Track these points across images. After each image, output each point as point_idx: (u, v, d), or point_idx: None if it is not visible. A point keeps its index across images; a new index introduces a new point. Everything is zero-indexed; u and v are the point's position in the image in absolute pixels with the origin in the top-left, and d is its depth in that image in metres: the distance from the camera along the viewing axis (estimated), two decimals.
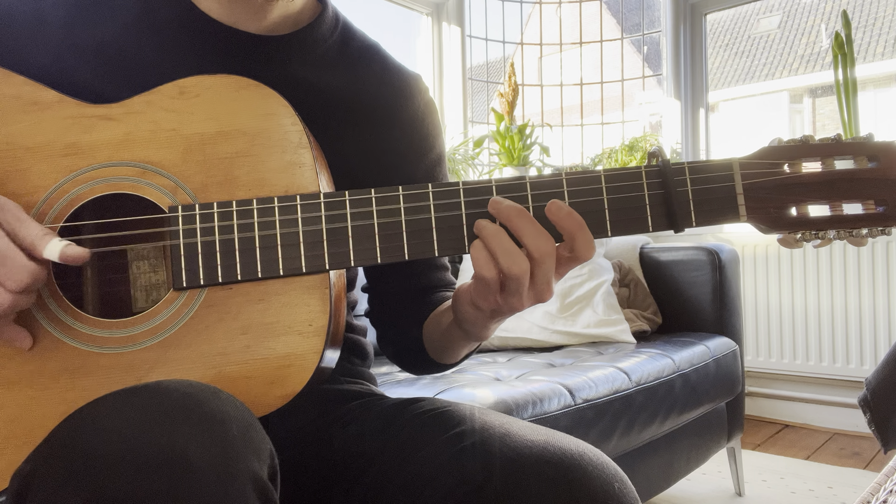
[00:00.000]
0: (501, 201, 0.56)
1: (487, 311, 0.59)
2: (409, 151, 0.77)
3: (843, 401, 2.43)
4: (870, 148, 0.57)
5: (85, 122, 0.58)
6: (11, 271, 0.50)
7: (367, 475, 0.64)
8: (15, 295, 0.51)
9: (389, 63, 0.78)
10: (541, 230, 0.55)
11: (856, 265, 2.37)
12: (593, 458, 0.56)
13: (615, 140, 2.93)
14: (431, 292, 0.80)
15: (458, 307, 0.64)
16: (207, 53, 0.67)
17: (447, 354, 0.75)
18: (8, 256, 0.50)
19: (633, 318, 1.95)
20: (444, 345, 0.74)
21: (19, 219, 0.52)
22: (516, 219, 0.55)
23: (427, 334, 0.76)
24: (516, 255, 0.54)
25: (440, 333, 0.73)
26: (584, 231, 0.55)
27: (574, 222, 0.55)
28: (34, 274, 0.51)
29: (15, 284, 0.50)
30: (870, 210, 0.57)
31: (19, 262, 0.50)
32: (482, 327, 0.64)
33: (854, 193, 0.57)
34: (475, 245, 0.56)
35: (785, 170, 0.57)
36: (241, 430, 0.44)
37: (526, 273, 0.55)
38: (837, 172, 0.57)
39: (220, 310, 0.55)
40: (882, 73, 10.26)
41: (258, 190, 0.57)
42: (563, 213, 0.55)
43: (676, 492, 1.93)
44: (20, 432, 0.53)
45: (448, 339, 0.72)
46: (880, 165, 0.57)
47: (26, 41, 0.64)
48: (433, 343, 0.76)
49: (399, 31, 3.04)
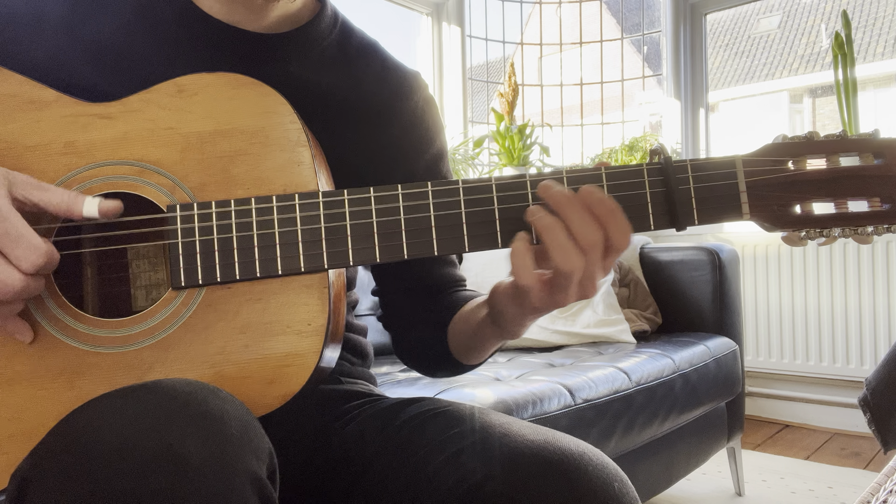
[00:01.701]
0: (552, 185, 0.54)
1: (529, 308, 0.57)
2: (408, 148, 0.77)
3: (843, 401, 2.43)
4: (876, 145, 0.56)
5: (83, 120, 0.58)
6: (27, 252, 0.48)
7: (367, 475, 0.63)
8: (28, 278, 0.49)
9: (388, 61, 0.78)
10: (590, 219, 0.53)
11: (856, 265, 2.36)
12: (593, 458, 0.56)
13: (615, 140, 2.93)
14: (445, 291, 0.79)
15: (496, 304, 0.62)
16: (206, 52, 0.67)
17: (475, 354, 0.73)
18: (23, 236, 0.49)
19: (633, 318, 1.95)
20: (474, 344, 0.72)
21: (41, 187, 0.52)
22: (567, 207, 0.53)
23: (454, 335, 0.74)
24: (570, 251, 0.52)
25: (470, 333, 0.71)
26: (617, 217, 0.53)
27: (607, 208, 0.53)
28: (49, 255, 0.49)
29: (29, 265, 0.48)
30: (875, 207, 0.56)
31: (35, 243, 0.49)
32: (520, 324, 0.62)
33: (859, 191, 0.56)
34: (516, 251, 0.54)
35: (789, 167, 0.57)
36: (240, 430, 0.44)
37: (580, 269, 0.53)
38: (842, 169, 0.56)
39: (218, 309, 0.55)
40: (882, 73, 10.26)
41: (257, 188, 0.57)
42: (596, 198, 0.53)
43: (676, 492, 1.93)
44: (19, 431, 0.53)
45: (479, 339, 0.70)
46: (886, 162, 0.56)
47: (25, 39, 0.64)
48: (460, 344, 0.74)
49: (399, 31, 3.04)
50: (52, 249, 0.50)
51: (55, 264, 0.51)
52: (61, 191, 0.52)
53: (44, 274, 0.51)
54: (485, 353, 0.73)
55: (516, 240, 0.54)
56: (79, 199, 0.52)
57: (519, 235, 0.55)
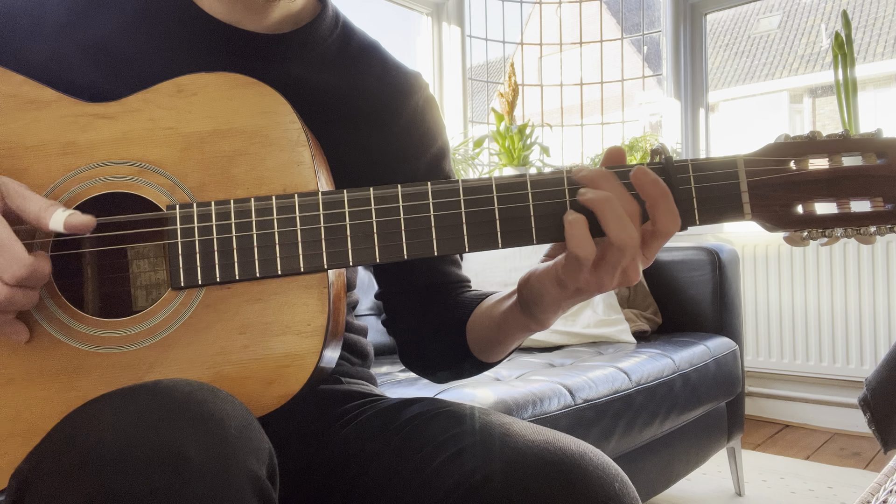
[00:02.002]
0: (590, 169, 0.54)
1: (572, 289, 0.56)
2: (409, 148, 0.77)
3: (843, 401, 2.43)
4: (878, 144, 0.56)
5: (83, 120, 0.58)
6: (8, 262, 0.48)
7: (366, 475, 0.63)
8: (11, 288, 0.49)
9: (389, 61, 0.78)
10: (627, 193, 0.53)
11: (856, 265, 2.36)
12: (594, 458, 0.56)
13: (615, 140, 2.93)
14: (453, 291, 0.78)
15: (532, 290, 0.61)
16: (207, 52, 0.67)
17: (498, 350, 0.72)
18: (4, 246, 0.48)
19: (633, 318, 1.95)
20: (499, 338, 0.70)
21: (23, 195, 0.51)
22: (602, 180, 0.53)
23: (474, 331, 0.73)
24: (627, 222, 0.52)
25: (494, 327, 0.70)
26: (667, 200, 0.53)
27: (659, 190, 0.53)
28: (31, 267, 0.49)
29: (11, 276, 0.48)
30: (878, 207, 0.56)
31: (17, 254, 0.48)
32: (555, 310, 0.60)
33: (862, 190, 0.56)
34: (575, 221, 0.53)
35: (791, 167, 0.56)
36: (240, 430, 0.44)
37: (637, 242, 0.52)
38: (845, 169, 0.56)
39: (218, 309, 0.55)
40: (882, 73, 10.26)
41: (256, 188, 0.57)
42: (649, 179, 0.53)
43: (676, 492, 1.93)
44: (19, 432, 0.53)
45: (505, 332, 0.68)
46: (889, 162, 0.55)
47: (25, 39, 0.64)
48: (483, 339, 0.72)
49: (399, 31, 3.04)
50: (39, 263, 0.49)
51: (42, 277, 0.50)
52: (37, 200, 0.52)
53: (31, 287, 0.51)
54: (508, 348, 0.72)
55: (569, 213, 0.54)
56: (49, 211, 0.51)
57: (569, 212, 0.54)
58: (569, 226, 0.53)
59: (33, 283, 0.50)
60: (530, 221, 0.56)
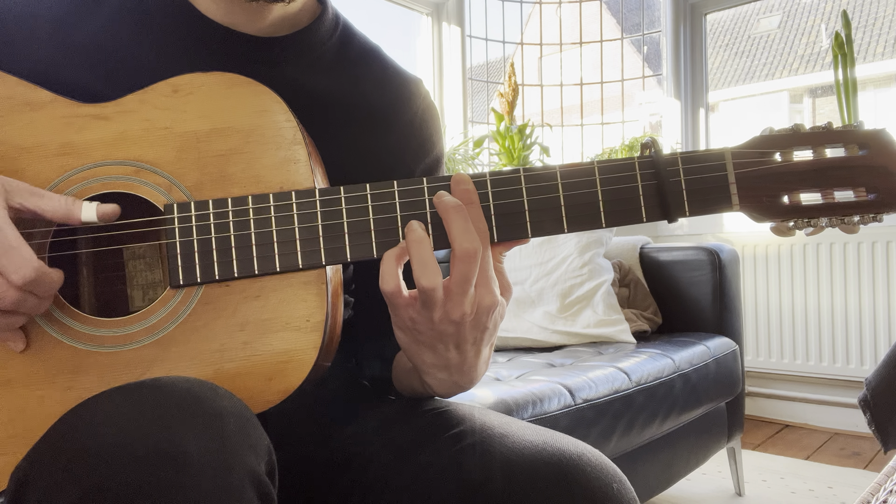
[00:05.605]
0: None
1: (411, 336, 0.57)
2: (406, 155, 0.77)
3: (843, 401, 2.43)
4: (860, 136, 0.58)
5: (79, 121, 0.58)
6: (15, 263, 0.48)
7: (366, 475, 0.63)
8: (21, 291, 0.49)
9: (389, 66, 0.77)
10: (469, 228, 0.53)
11: (856, 265, 2.36)
12: (592, 458, 0.56)
13: (615, 140, 2.93)
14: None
15: (406, 349, 0.60)
16: (204, 54, 0.67)
17: (419, 392, 0.69)
18: (12, 247, 0.48)
19: (633, 318, 1.95)
20: (412, 384, 0.68)
21: (37, 194, 0.52)
22: (451, 212, 0.53)
23: (399, 366, 0.71)
24: (430, 265, 0.52)
25: (405, 372, 0.69)
26: (458, 213, 0.53)
27: (443, 204, 0.54)
28: (39, 270, 0.49)
29: (19, 278, 0.48)
30: (861, 197, 0.57)
31: (25, 255, 0.48)
32: (428, 368, 0.59)
33: (845, 181, 0.57)
34: (385, 257, 0.54)
35: (776, 159, 0.58)
36: (239, 426, 0.44)
37: (478, 252, 0.52)
38: (828, 161, 0.57)
39: (217, 307, 0.55)
40: (882, 73, 10.25)
41: (253, 187, 0.57)
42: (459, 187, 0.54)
43: (676, 492, 1.93)
44: (19, 432, 0.53)
45: (412, 378, 0.67)
46: (871, 153, 0.57)
47: (20, 40, 0.64)
48: (403, 379, 0.71)
49: (399, 30, 3.03)
50: (44, 267, 0.49)
51: (48, 283, 0.50)
52: (58, 196, 0.53)
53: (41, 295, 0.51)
54: (426, 392, 0.68)
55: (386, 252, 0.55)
56: (77, 205, 0.52)
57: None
58: (383, 262, 0.54)
59: (42, 289, 0.50)
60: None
